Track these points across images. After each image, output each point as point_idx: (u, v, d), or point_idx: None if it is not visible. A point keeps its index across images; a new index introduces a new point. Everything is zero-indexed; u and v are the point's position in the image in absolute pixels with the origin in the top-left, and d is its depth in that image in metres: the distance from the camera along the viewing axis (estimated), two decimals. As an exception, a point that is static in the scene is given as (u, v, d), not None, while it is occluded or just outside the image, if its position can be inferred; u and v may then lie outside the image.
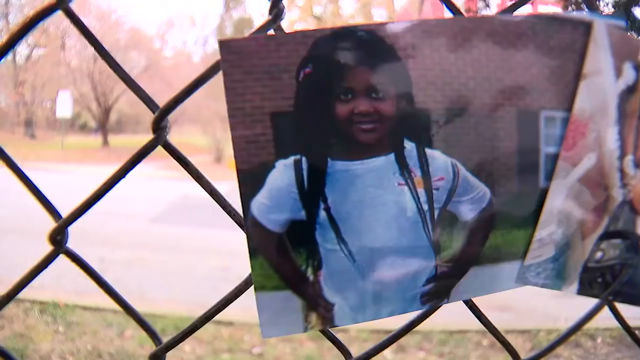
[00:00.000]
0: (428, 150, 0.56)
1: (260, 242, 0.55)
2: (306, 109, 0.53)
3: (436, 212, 0.58)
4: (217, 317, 0.62)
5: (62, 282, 4.32)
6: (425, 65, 0.55)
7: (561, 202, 0.62)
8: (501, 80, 0.58)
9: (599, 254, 0.65)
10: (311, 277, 0.56)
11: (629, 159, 0.64)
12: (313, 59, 0.53)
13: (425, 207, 0.57)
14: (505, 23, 0.58)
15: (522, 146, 0.59)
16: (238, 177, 0.54)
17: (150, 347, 3.96)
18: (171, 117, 0.62)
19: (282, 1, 0.58)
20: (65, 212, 0.63)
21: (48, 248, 0.65)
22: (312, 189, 0.54)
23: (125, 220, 7.70)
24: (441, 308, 0.66)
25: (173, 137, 0.61)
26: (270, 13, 0.57)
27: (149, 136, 0.60)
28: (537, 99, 0.59)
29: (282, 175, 0.54)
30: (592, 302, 0.71)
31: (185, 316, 4.11)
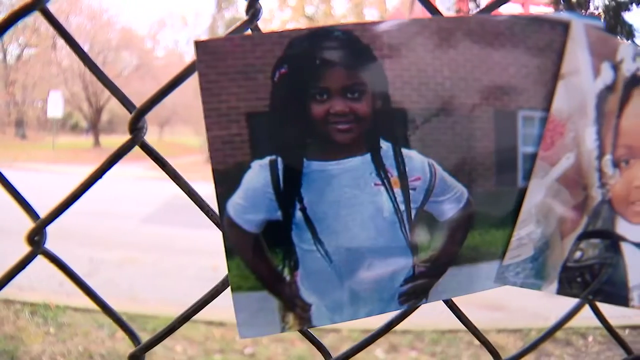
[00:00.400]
0: (404, 150, 0.56)
1: (237, 242, 0.55)
2: (282, 110, 0.53)
3: (413, 212, 0.58)
4: (209, 317, 0.62)
5: (53, 283, 4.30)
6: (402, 65, 0.55)
7: (539, 201, 0.62)
8: (478, 80, 0.58)
9: (578, 254, 0.65)
10: (288, 278, 0.56)
11: (608, 158, 0.64)
12: (288, 59, 0.53)
13: (402, 207, 0.57)
14: (482, 23, 0.58)
15: (499, 146, 0.59)
16: (214, 177, 0.54)
17: (141, 348, 3.96)
18: (163, 117, 0.62)
19: (259, 1, 0.57)
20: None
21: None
22: (288, 189, 0.54)
23: (115, 220, 7.68)
24: (433, 308, 0.66)
25: (165, 138, 0.61)
26: (247, 13, 0.57)
27: None
28: (515, 99, 0.59)
29: (257, 175, 0.54)
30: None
31: (177, 317, 4.10)
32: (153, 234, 7.09)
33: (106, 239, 6.58)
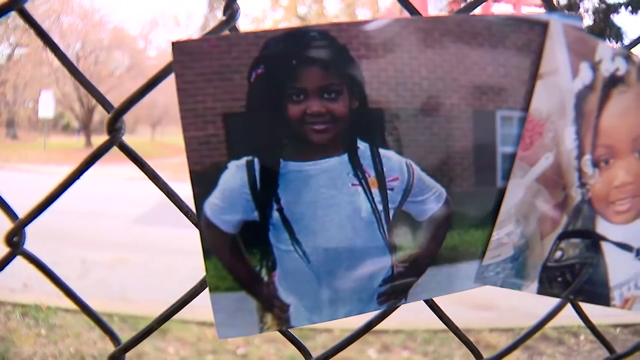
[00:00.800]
0: (382, 151, 0.56)
1: (214, 242, 0.55)
2: (258, 110, 0.53)
3: (391, 213, 0.57)
4: (201, 318, 0.62)
5: (44, 284, 4.28)
6: (379, 66, 0.55)
7: (519, 201, 0.62)
8: (456, 80, 0.58)
9: (558, 254, 0.65)
10: (265, 278, 0.56)
11: (587, 158, 0.64)
12: (265, 60, 0.53)
13: (380, 207, 0.57)
14: (460, 23, 0.58)
15: (478, 146, 0.59)
16: (191, 178, 0.54)
17: (134, 349, 3.95)
18: (155, 117, 0.61)
19: (237, 2, 0.57)
20: (42, 216, 0.63)
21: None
22: (265, 190, 0.54)
23: (107, 221, 7.65)
24: (425, 308, 0.66)
25: (156, 138, 0.61)
26: (224, 14, 0.57)
27: (132, 137, 0.60)
28: (493, 99, 0.59)
29: (234, 176, 0.53)
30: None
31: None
32: (145, 234, 7.08)
33: (98, 240, 6.56)
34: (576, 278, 0.67)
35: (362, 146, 0.56)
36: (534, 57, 0.60)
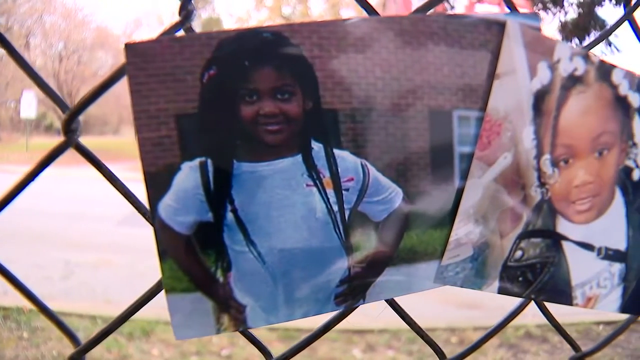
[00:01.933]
0: (336, 151, 0.56)
1: (169, 244, 0.55)
2: (211, 111, 0.53)
3: (347, 213, 0.57)
4: None
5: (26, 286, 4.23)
6: (333, 66, 0.55)
7: (477, 201, 0.62)
8: (411, 80, 0.57)
9: (518, 253, 0.65)
10: (221, 279, 0.56)
11: (546, 158, 0.64)
12: (217, 61, 0.52)
13: (335, 208, 0.57)
14: (415, 22, 0.58)
15: (435, 146, 0.59)
16: (145, 179, 0.53)
17: (117, 352, 3.93)
18: None
19: (192, 2, 0.57)
20: (25, 217, 0.62)
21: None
22: (218, 191, 0.54)
23: (91, 222, 7.60)
24: (409, 307, 0.66)
25: None
26: (179, 14, 0.57)
27: (115, 137, 0.59)
28: (450, 99, 0.59)
29: (187, 177, 0.53)
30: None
31: (153, 319, 4.07)
32: (129, 236, 7.03)
33: (81, 242, 6.51)
34: (537, 277, 0.67)
35: (317, 147, 0.55)
36: (491, 57, 0.60)
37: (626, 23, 0.79)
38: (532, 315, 0.82)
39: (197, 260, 0.55)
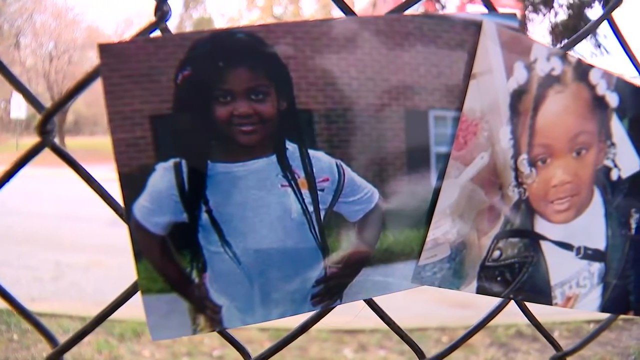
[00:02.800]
0: (311, 152, 0.56)
1: (144, 245, 0.55)
2: (185, 112, 0.53)
3: (322, 213, 0.57)
4: None
5: (16, 289, 4.21)
6: (307, 67, 0.55)
7: (454, 201, 0.62)
8: (387, 80, 0.58)
9: (496, 253, 0.65)
10: (196, 280, 0.56)
11: (523, 157, 0.64)
12: (191, 62, 0.52)
13: (311, 208, 0.57)
14: (390, 23, 0.58)
15: (411, 146, 0.59)
16: (119, 180, 0.53)
17: (108, 353, 3.91)
18: None
19: (167, 2, 0.57)
20: (15, 218, 0.61)
21: None
22: (193, 192, 0.54)
23: (81, 223, 7.57)
24: (400, 306, 0.66)
25: None
26: (154, 15, 0.56)
27: (106, 138, 0.59)
28: (426, 99, 0.59)
29: (162, 178, 0.53)
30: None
31: (144, 320, 4.05)
32: (119, 236, 6.99)
33: (72, 242, 6.49)
34: (516, 277, 0.68)
35: (291, 147, 0.55)
36: (467, 57, 0.60)
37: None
38: (522, 315, 0.82)
39: (172, 261, 0.55)
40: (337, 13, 0.62)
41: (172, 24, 0.60)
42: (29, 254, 5.47)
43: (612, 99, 0.70)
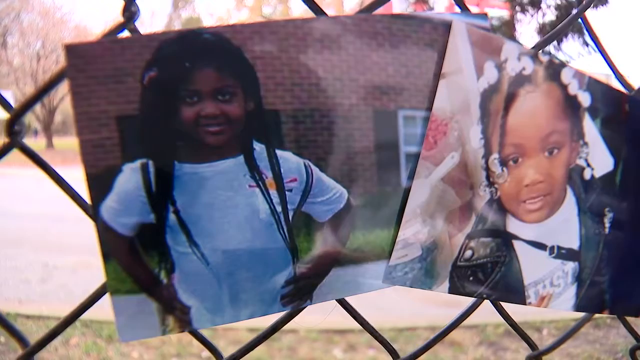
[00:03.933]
0: (279, 152, 0.56)
1: (112, 245, 0.55)
2: (151, 113, 0.53)
3: (291, 214, 0.57)
4: None
5: (3, 290, 4.20)
6: (274, 67, 0.55)
7: (424, 201, 0.62)
8: (355, 80, 0.58)
9: (468, 253, 0.66)
10: (165, 281, 0.56)
11: (495, 157, 0.64)
12: (158, 62, 0.52)
13: (279, 208, 0.57)
14: (358, 23, 0.58)
15: (380, 146, 0.59)
16: (87, 181, 0.53)
17: (96, 355, 3.90)
18: None
19: (136, 3, 0.56)
20: (2, 219, 0.61)
21: None
22: (160, 192, 0.54)
23: (70, 224, 7.53)
24: (390, 306, 0.66)
25: None
26: (122, 15, 0.56)
27: None
28: (395, 99, 0.59)
29: (129, 179, 0.53)
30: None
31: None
32: (110, 237, 6.98)
33: (60, 244, 6.45)
34: (488, 277, 0.68)
35: (259, 147, 0.55)
36: (436, 57, 0.60)
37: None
38: (511, 313, 0.82)
39: (140, 262, 0.55)
40: (328, 13, 0.62)
41: (161, 24, 0.60)
42: (17, 255, 5.44)
43: (585, 99, 0.70)
